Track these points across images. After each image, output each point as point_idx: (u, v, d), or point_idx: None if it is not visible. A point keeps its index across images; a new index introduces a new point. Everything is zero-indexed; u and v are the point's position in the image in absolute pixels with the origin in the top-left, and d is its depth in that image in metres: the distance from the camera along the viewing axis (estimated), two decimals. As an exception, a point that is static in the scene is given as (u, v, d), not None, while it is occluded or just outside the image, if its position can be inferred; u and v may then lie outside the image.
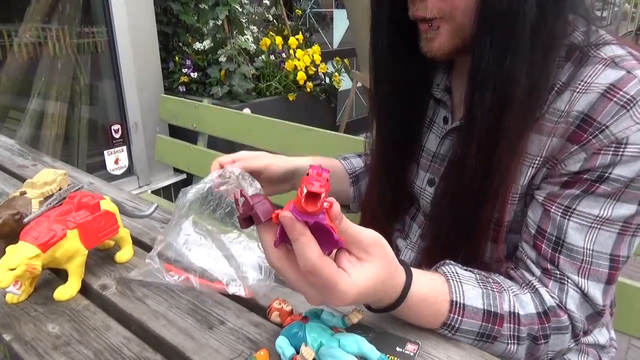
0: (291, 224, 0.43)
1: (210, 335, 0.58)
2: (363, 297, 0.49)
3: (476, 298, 0.60)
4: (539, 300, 0.63)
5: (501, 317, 0.60)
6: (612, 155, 0.58)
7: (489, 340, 0.61)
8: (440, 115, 0.80)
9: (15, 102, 2.52)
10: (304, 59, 2.99)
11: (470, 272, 0.64)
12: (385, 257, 0.50)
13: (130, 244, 0.76)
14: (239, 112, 1.88)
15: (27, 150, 1.29)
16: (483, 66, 0.60)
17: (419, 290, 0.56)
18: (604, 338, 0.80)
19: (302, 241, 0.44)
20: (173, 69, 2.88)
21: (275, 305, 0.59)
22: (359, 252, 0.49)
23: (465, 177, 0.66)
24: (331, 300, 0.47)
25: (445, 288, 0.60)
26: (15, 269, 0.57)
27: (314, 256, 0.44)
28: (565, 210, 0.62)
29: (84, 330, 0.58)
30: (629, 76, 0.58)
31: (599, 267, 0.62)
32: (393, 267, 0.52)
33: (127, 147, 2.66)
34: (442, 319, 0.59)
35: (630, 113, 0.57)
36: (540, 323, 0.62)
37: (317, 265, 0.44)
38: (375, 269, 0.49)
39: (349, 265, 0.48)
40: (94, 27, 2.57)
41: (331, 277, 0.45)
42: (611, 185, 0.59)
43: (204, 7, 2.81)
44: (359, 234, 0.48)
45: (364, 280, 0.48)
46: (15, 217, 0.68)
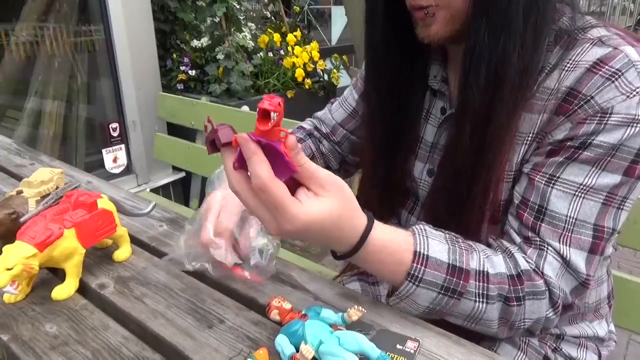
0: (245, 143, 0.47)
1: (210, 334, 0.57)
2: (314, 228, 0.51)
3: (441, 252, 0.62)
4: (513, 264, 0.64)
5: (467, 272, 0.61)
6: (596, 124, 0.59)
7: (454, 296, 0.61)
8: (437, 107, 0.80)
9: (12, 101, 2.51)
10: (302, 56, 2.98)
11: (440, 232, 0.65)
12: (342, 195, 0.53)
13: (129, 243, 0.75)
14: (238, 110, 1.87)
15: (24, 149, 1.28)
16: (478, 48, 0.62)
17: (380, 236, 0.58)
18: (603, 331, 0.80)
19: (254, 160, 0.47)
20: (171, 67, 2.87)
21: (274, 304, 0.59)
22: (316, 188, 0.52)
23: (459, 156, 0.67)
24: (282, 223, 0.50)
25: (410, 239, 0.62)
26: (12, 268, 0.56)
27: (265, 174, 0.48)
28: (550, 178, 0.64)
29: (82, 330, 0.58)
30: (616, 51, 0.60)
31: (582, 235, 0.62)
32: (351, 209, 0.55)
33: (126, 146, 2.65)
34: (404, 269, 0.60)
35: (616, 84, 0.58)
36: (512, 284, 0.62)
37: (267, 183, 0.48)
38: (329, 203, 0.52)
39: (304, 197, 0.51)
40: (91, 25, 2.56)
41: (281, 197, 0.49)
42: (593, 151, 0.60)
43: (201, 5, 2.80)
44: (316, 170, 0.51)
45: (317, 211, 0.51)
46: (12, 216, 0.68)
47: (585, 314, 0.79)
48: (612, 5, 9.76)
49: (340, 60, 3.34)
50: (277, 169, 0.49)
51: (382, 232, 0.59)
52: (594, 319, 0.80)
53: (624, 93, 0.58)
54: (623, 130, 0.59)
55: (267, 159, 0.48)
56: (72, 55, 2.54)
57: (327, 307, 0.57)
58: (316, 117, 1.03)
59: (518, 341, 0.76)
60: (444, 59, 0.80)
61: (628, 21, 9.80)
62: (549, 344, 0.78)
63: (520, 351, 0.75)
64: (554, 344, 0.78)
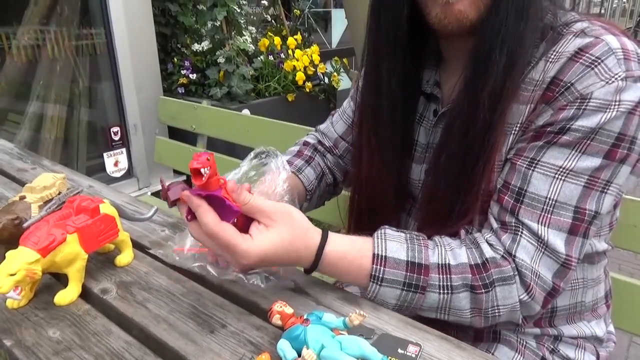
0: (188, 200, 0.56)
1: (212, 338, 0.58)
2: (270, 258, 0.59)
3: (399, 251, 0.66)
4: (478, 253, 0.66)
5: (426, 267, 0.65)
6: (575, 109, 0.61)
7: (418, 291, 0.65)
8: (430, 110, 0.82)
9: (14, 105, 2.52)
10: (302, 59, 2.99)
11: (401, 232, 0.69)
12: (290, 221, 0.60)
13: (131, 247, 0.75)
14: (238, 113, 1.87)
15: (26, 153, 1.28)
16: (504, 28, 0.64)
17: (336, 249, 0.64)
18: (602, 331, 0.80)
19: (200, 212, 0.56)
20: (172, 71, 2.88)
21: (276, 308, 0.59)
22: (265, 220, 0.59)
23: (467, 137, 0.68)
24: (238, 260, 0.58)
25: (368, 245, 0.66)
26: (15, 274, 0.56)
27: (211, 222, 0.55)
28: (531, 162, 0.65)
29: (85, 335, 0.58)
30: (597, 40, 0.61)
31: (561, 216, 0.64)
32: (302, 230, 0.61)
33: (127, 150, 2.66)
34: (366, 272, 0.65)
35: (595, 71, 0.60)
36: (477, 272, 0.64)
37: (214, 229, 0.55)
38: (279, 232, 0.59)
39: (255, 231, 0.58)
40: (93, 29, 2.57)
41: (230, 239, 0.56)
42: (572, 135, 0.62)
43: (202, 8, 2.81)
44: (261, 204, 0.59)
45: (268, 242, 0.58)
46: (15, 222, 0.68)
47: (583, 313, 0.79)
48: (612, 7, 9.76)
49: (340, 63, 3.35)
50: (223, 213, 0.56)
51: (337, 244, 0.64)
52: (592, 319, 0.80)
53: (603, 79, 0.60)
54: (601, 114, 0.60)
55: (212, 206, 0.56)
56: (74, 59, 2.54)
57: (328, 312, 0.57)
58: (319, 130, 1.03)
59: (515, 343, 0.76)
60: (437, 63, 0.82)
61: (628, 23, 9.80)
62: (547, 345, 0.78)
63: (517, 353, 0.75)
64: (551, 345, 0.78)
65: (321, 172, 0.96)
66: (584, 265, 0.76)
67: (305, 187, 0.92)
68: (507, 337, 0.77)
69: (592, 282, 0.78)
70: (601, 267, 0.79)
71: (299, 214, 0.61)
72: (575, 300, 0.77)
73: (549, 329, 0.77)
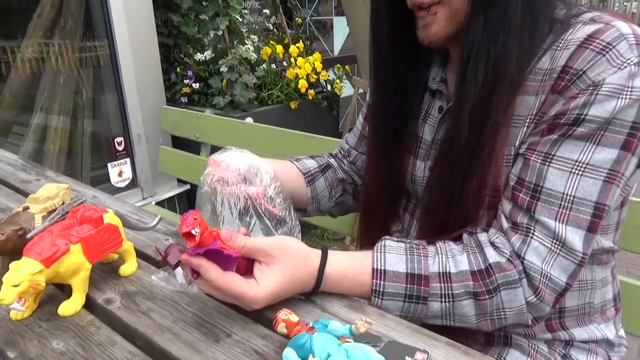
0: (189, 262, 0.56)
1: (217, 348, 0.57)
2: (278, 295, 0.60)
3: (398, 264, 0.66)
4: (482, 259, 0.65)
5: (426, 277, 0.65)
6: (587, 96, 0.60)
7: (420, 302, 0.65)
8: (435, 107, 0.82)
9: (18, 117, 2.54)
10: (305, 66, 3.00)
11: (401, 243, 0.69)
12: (289, 253, 0.61)
13: (134, 257, 0.75)
14: (242, 122, 1.88)
15: (30, 165, 1.29)
16: (476, 45, 0.64)
17: (336, 269, 0.65)
18: (612, 334, 0.79)
19: (202, 270, 0.56)
20: (175, 80, 2.89)
21: (281, 316, 0.58)
22: (265, 258, 0.60)
23: (454, 148, 0.69)
24: (249, 305, 0.59)
25: (367, 261, 0.67)
26: (19, 285, 0.56)
27: (214, 277, 0.56)
28: (545, 156, 0.64)
29: (89, 346, 0.58)
30: (607, 26, 0.60)
31: (580, 213, 0.62)
32: (302, 258, 0.62)
33: (131, 159, 2.66)
34: (367, 287, 0.66)
35: (607, 57, 0.59)
36: (479, 279, 0.64)
37: (219, 283, 0.56)
38: (280, 268, 0.60)
39: (258, 273, 0.59)
40: (96, 40, 2.59)
41: (235, 289, 0.57)
42: (587, 126, 0.60)
43: (204, 18, 2.82)
44: (258, 243, 0.59)
45: (272, 282, 0.59)
46: (19, 232, 0.68)
47: (592, 315, 0.78)
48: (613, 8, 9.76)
49: (342, 71, 3.36)
50: (224, 263, 0.57)
51: (337, 263, 0.65)
52: (602, 322, 0.79)
53: (615, 65, 0.58)
54: (614, 101, 0.59)
55: (213, 259, 0.57)
56: (77, 71, 2.56)
57: (334, 319, 0.56)
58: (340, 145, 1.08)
59: (527, 347, 0.76)
60: (444, 61, 0.82)
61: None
62: (558, 350, 0.77)
63: (529, 357, 0.75)
64: (563, 350, 0.77)
65: (326, 164, 0.99)
66: (592, 266, 0.75)
67: (300, 171, 0.94)
68: (518, 341, 0.76)
69: (600, 284, 0.77)
70: (608, 269, 0.78)
71: (296, 243, 0.63)
72: (583, 301, 0.76)
73: (560, 333, 0.76)
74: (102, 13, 2.49)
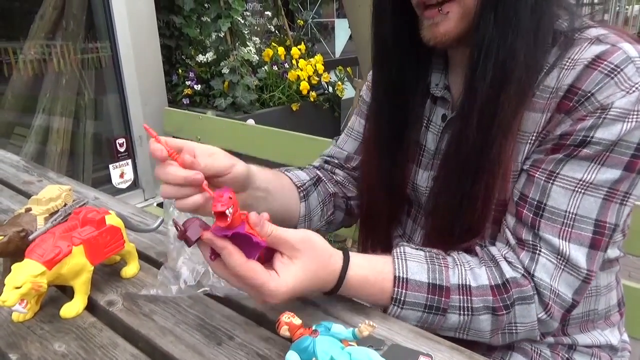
0: (212, 242, 0.52)
1: (219, 350, 0.57)
2: (298, 292, 0.56)
3: (420, 273, 0.64)
4: (498, 273, 0.64)
5: (447, 289, 0.63)
6: (595, 119, 0.60)
7: (439, 313, 0.63)
8: (438, 114, 0.80)
9: (20, 118, 2.54)
10: (306, 68, 3.00)
11: (420, 251, 0.67)
12: (313, 250, 0.57)
13: (137, 259, 0.75)
14: (243, 123, 1.88)
15: (32, 166, 1.29)
16: (486, 43, 0.63)
17: (358, 272, 0.62)
18: (616, 339, 0.79)
19: (225, 253, 0.52)
20: (176, 82, 2.89)
21: (284, 319, 0.58)
22: (289, 251, 0.56)
23: (462, 153, 0.68)
24: (266, 298, 0.55)
25: (389, 267, 0.64)
26: (21, 287, 0.56)
27: (237, 263, 0.52)
28: (550, 174, 0.64)
29: (91, 349, 0.57)
30: (614, 48, 0.60)
31: (582, 230, 0.62)
32: (326, 257, 0.59)
33: (132, 161, 2.67)
34: (387, 295, 0.63)
35: (615, 80, 0.59)
36: (497, 294, 0.63)
37: (241, 271, 0.52)
38: (303, 264, 0.56)
39: (280, 265, 0.55)
40: (98, 42, 2.59)
41: (257, 279, 0.53)
42: (593, 148, 0.60)
43: (206, 20, 2.83)
44: (284, 234, 0.55)
45: (294, 277, 0.55)
46: (21, 234, 0.67)
47: (596, 321, 0.77)
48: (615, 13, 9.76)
49: (344, 72, 3.36)
50: (247, 249, 0.53)
51: (359, 267, 0.62)
52: (606, 327, 0.79)
53: (624, 89, 0.58)
54: (620, 124, 0.59)
55: (237, 243, 0.52)
56: (79, 72, 2.57)
57: (337, 322, 0.56)
58: (324, 155, 0.98)
59: (530, 352, 0.75)
60: (445, 66, 0.80)
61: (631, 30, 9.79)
62: (561, 354, 0.76)
63: None
64: (566, 355, 0.77)
65: (317, 177, 0.90)
66: (597, 272, 0.74)
67: (295, 184, 0.85)
68: (521, 345, 0.76)
69: (605, 290, 0.76)
70: (613, 274, 0.78)
71: (320, 240, 0.59)
72: (588, 309, 0.75)
73: (563, 338, 0.76)
74: (104, 14, 2.50)
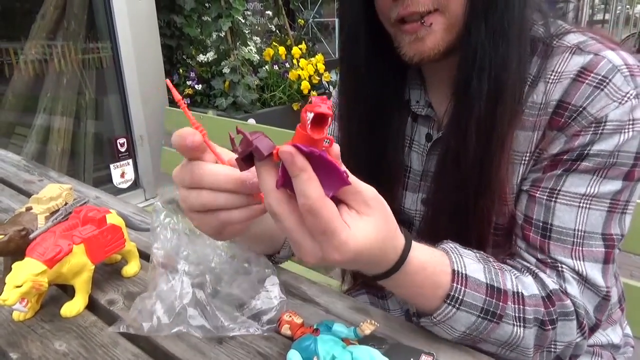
0: (291, 159, 0.39)
1: (220, 350, 0.57)
2: (362, 254, 0.44)
3: (478, 271, 0.57)
4: (541, 284, 0.60)
5: (505, 293, 0.57)
6: (591, 135, 0.58)
7: (494, 320, 0.56)
8: (420, 133, 0.76)
9: (21, 118, 2.55)
10: (307, 68, 3.00)
11: (470, 250, 0.60)
12: (385, 213, 0.46)
13: (137, 258, 0.75)
14: (244, 123, 1.88)
15: (33, 165, 1.29)
16: (479, 55, 0.59)
17: (419, 257, 0.52)
18: (618, 337, 0.78)
19: (302, 178, 0.39)
20: (177, 82, 2.90)
21: (285, 318, 0.58)
22: (359, 205, 0.44)
23: (459, 175, 0.64)
24: (329, 252, 0.42)
25: (445, 260, 0.56)
26: (21, 285, 0.56)
27: (315, 194, 0.39)
28: (551, 192, 0.62)
29: (92, 348, 0.57)
30: (598, 57, 0.59)
31: (593, 247, 0.60)
32: (393, 226, 0.48)
33: (133, 160, 2.67)
34: (442, 292, 0.55)
35: (605, 91, 0.58)
36: (545, 307, 0.58)
37: (316, 204, 0.40)
38: (375, 224, 0.44)
39: (348, 217, 0.43)
40: (99, 42, 2.60)
41: (332, 220, 0.41)
42: (592, 160, 0.59)
43: (207, 20, 2.83)
44: (358, 184, 0.44)
45: (364, 235, 0.43)
46: (21, 233, 0.67)
47: None
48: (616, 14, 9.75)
49: (345, 72, 3.36)
50: (325, 183, 0.40)
51: (420, 252, 0.52)
52: (607, 326, 0.78)
53: (616, 100, 0.57)
54: (617, 136, 0.58)
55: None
56: (80, 72, 2.57)
57: (338, 321, 0.56)
58: None
59: None
60: (422, 82, 0.75)
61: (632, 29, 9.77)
62: None
63: None
64: None
65: None
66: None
67: None
68: None
69: None
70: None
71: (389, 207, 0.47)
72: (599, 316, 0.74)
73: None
74: (105, 14, 2.50)
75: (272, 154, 0.40)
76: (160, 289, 0.60)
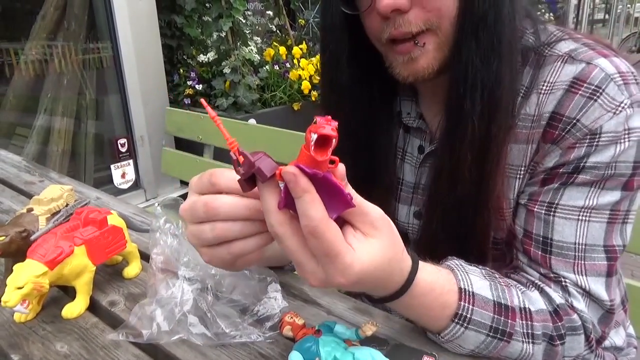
0: (295, 180, 0.38)
1: (222, 351, 0.56)
2: (367, 278, 0.43)
3: (484, 288, 0.56)
4: (547, 299, 0.59)
5: (512, 310, 0.56)
6: (587, 147, 0.57)
7: (504, 338, 0.55)
8: (412, 145, 0.75)
9: (22, 118, 2.55)
10: (308, 68, 3.00)
11: (475, 267, 0.60)
12: (392, 234, 0.45)
13: (139, 259, 0.75)
14: (245, 123, 1.88)
15: (34, 166, 1.29)
16: (471, 72, 0.58)
17: (426, 278, 0.51)
18: (620, 339, 0.78)
19: (305, 199, 0.39)
20: (178, 82, 2.90)
21: (287, 319, 0.58)
22: (365, 226, 0.43)
23: (456, 192, 0.63)
24: (333, 275, 0.42)
25: (452, 278, 0.55)
26: (22, 287, 0.56)
27: (318, 215, 0.39)
28: (549, 206, 0.61)
29: (93, 349, 0.57)
30: (590, 66, 0.58)
31: (595, 260, 0.59)
32: (400, 248, 0.47)
33: (134, 161, 2.67)
34: (449, 312, 0.54)
35: (599, 102, 0.56)
36: (553, 322, 0.58)
37: (320, 226, 0.39)
38: (381, 246, 0.44)
39: (354, 239, 0.43)
40: (99, 42, 2.60)
41: (335, 243, 0.40)
42: (589, 172, 0.58)
43: (207, 20, 2.83)
44: (365, 205, 0.43)
45: (370, 257, 0.43)
46: (23, 234, 0.67)
47: None
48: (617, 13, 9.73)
49: (345, 72, 3.35)
50: (328, 204, 0.40)
51: (427, 273, 0.52)
52: (610, 329, 0.78)
53: (610, 110, 0.56)
54: (613, 147, 0.57)
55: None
56: (81, 73, 2.57)
57: (340, 322, 0.56)
58: None
59: None
60: (414, 94, 0.74)
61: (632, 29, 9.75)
62: None
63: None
64: None
65: None
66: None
67: None
68: None
69: None
70: None
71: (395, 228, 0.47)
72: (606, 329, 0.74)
73: None
74: (106, 15, 2.50)
75: (275, 174, 0.40)
76: (160, 296, 0.60)
